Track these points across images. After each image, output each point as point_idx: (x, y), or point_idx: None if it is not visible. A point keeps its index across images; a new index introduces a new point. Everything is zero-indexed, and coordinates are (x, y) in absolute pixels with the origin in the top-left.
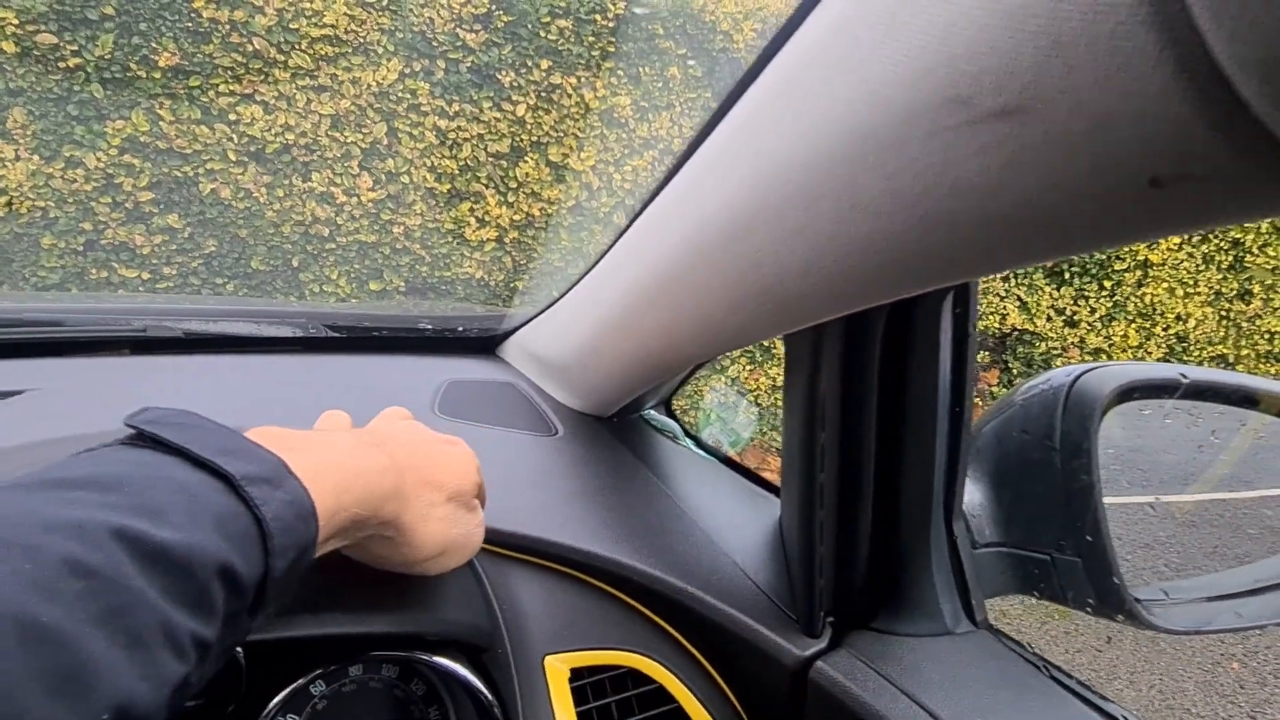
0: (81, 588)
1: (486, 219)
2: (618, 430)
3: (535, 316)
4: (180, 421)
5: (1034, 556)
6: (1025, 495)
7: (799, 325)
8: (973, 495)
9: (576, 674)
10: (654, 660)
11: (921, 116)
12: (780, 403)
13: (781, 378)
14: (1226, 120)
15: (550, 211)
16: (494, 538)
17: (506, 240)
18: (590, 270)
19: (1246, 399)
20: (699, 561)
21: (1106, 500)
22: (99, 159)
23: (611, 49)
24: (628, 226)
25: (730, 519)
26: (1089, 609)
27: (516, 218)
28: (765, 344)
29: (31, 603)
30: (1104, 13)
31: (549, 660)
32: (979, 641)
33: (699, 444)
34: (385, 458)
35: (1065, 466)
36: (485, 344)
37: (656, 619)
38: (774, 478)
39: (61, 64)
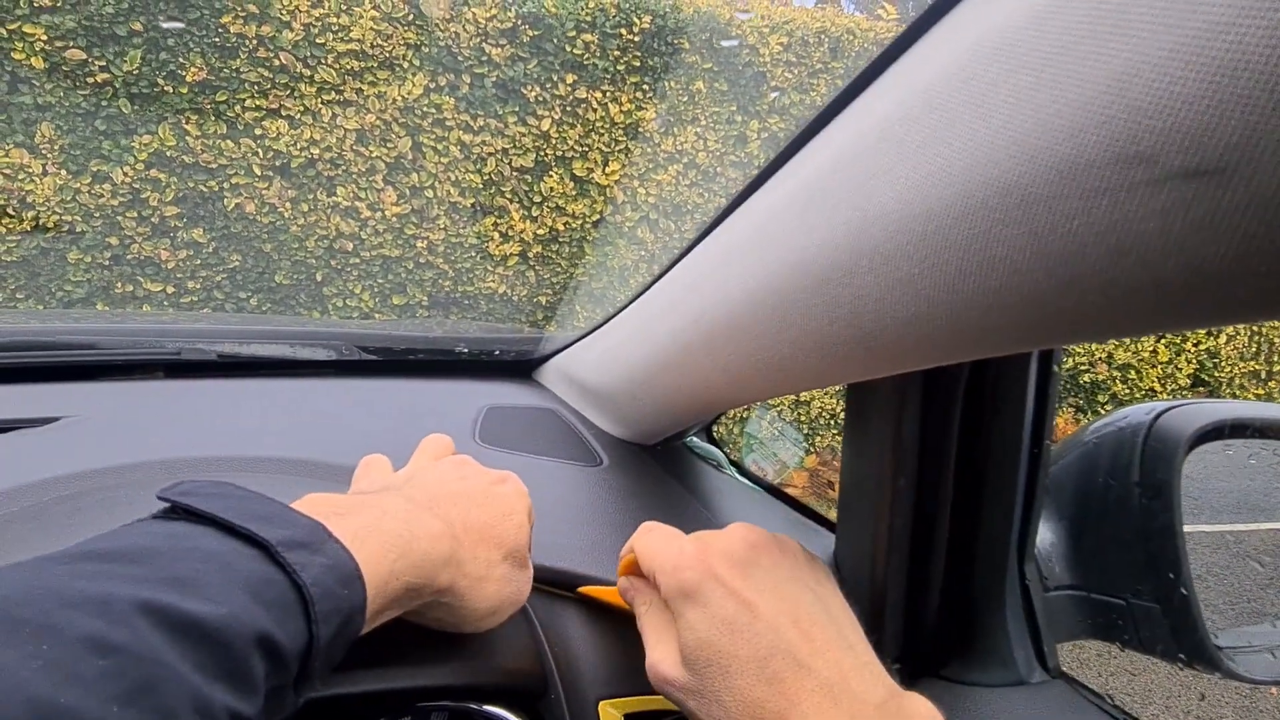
0: (105, 666)
1: (510, 234)
2: (662, 459)
3: (577, 340)
4: (213, 492)
5: (1110, 602)
6: (1101, 537)
7: (891, 372)
8: (1043, 536)
9: (631, 719)
10: None
11: (1084, 173)
12: (801, 418)
13: (804, 395)
14: None
15: (575, 226)
16: (544, 575)
17: (530, 255)
18: (640, 295)
19: None
20: None
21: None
22: (126, 174)
23: (637, 63)
24: (682, 256)
25: None
26: (1179, 661)
27: (540, 232)
28: None
29: (47, 686)
30: None
31: (604, 706)
32: (1056, 692)
33: (743, 471)
34: (439, 521)
35: (1145, 509)
36: (522, 367)
37: None
38: (795, 491)
39: (90, 79)
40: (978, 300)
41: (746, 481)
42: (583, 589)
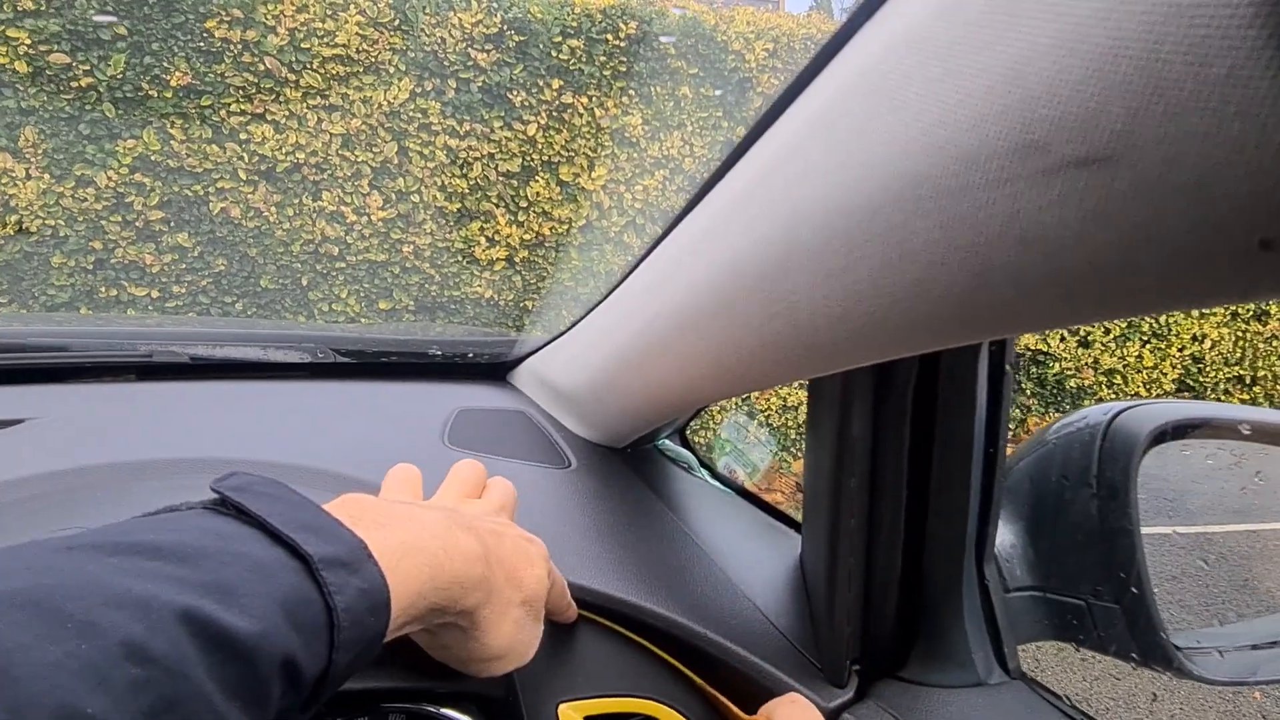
0: (136, 676)
1: (496, 238)
2: (632, 461)
3: (549, 343)
4: (265, 491)
5: (1069, 602)
6: (1060, 537)
7: (832, 370)
8: (1004, 536)
9: None
10: (672, 708)
11: (987, 163)
12: (789, 423)
13: (791, 397)
14: None
15: (561, 231)
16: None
17: (516, 260)
18: (606, 298)
19: None
20: (719, 604)
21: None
22: (110, 178)
23: (623, 68)
24: (646, 255)
25: (750, 557)
26: (1133, 660)
27: (527, 237)
28: None
29: (79, 692)
30: (1218, 55)
31: (563, 709)
32: (1014, 693)
33: (714, 474)
34: (477, 544)
35: (1103, 508)
36: (496, 370)
37: (675, 664)
38: (782, 497)
39: (74, 84)
40: (901, 294)
41: (717, 484)
42: (721, 699)
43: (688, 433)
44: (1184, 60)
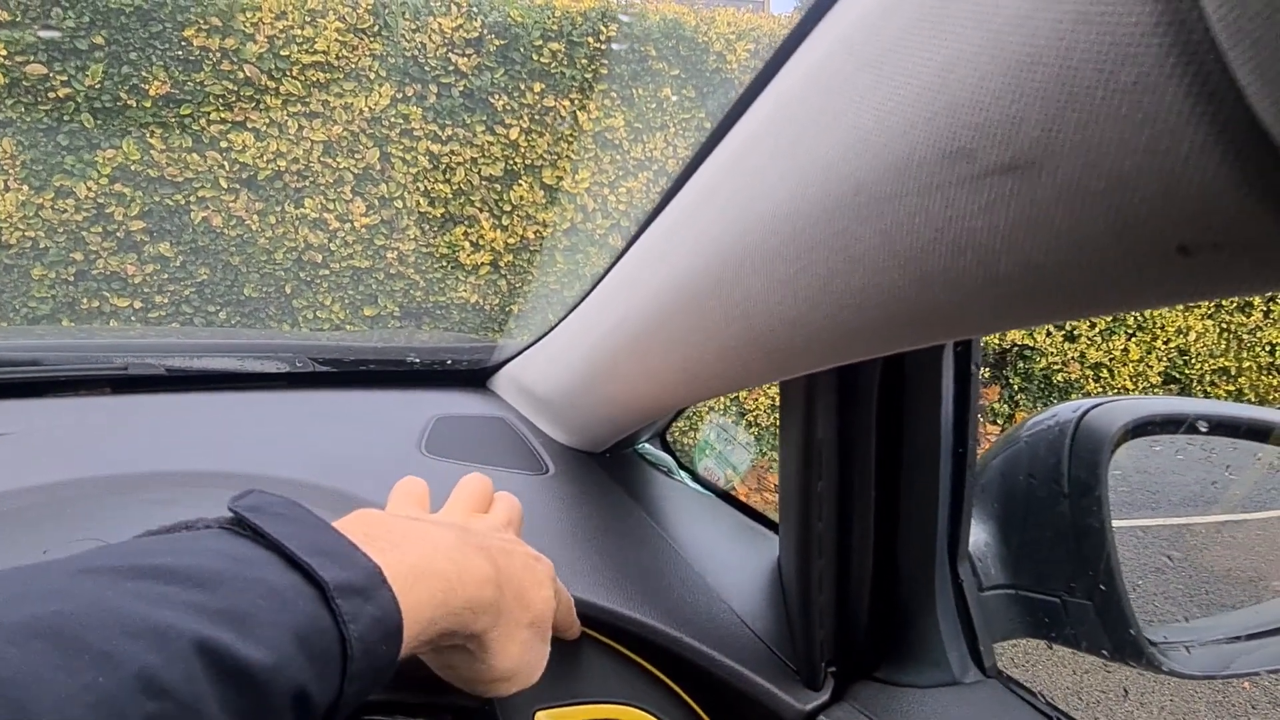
0: (151, 711)
1: (481, 243)
2: (611, 467)
3: (527, 348)
4: (281, 512)
5: (1044, 599)
6: (1033, 535)
7: (791, 374)
8: (978, 535)
9: None
10: (649, 714)
11: (918, 169)
12: (778, 424)
13: (779, 398)
14: (1268, 186)
15: (545, 234)
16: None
17: (501, 264)
18: (582, 301)
19: (1258, 432)
20: (695, 609)
21: (1116, 523)
22: (89, 188)
23: (604, 71)
24: (618, 259)
25: (727, 560)
26: (1104, 655)
27: (511, 241)
28: None
29: None
30: (1124, 63)
31: (540, 716)
32: (988, 692)
33: (695, 477)
34: (489, 565)
35: (1074, 507)
36: (475, 376)
37: (652, 670)
38: (770, 496)
39: (51, 94)
40: (848, 299)
41: (697, 487)
42: None
43: (669, 435)
44: (1094, 68)
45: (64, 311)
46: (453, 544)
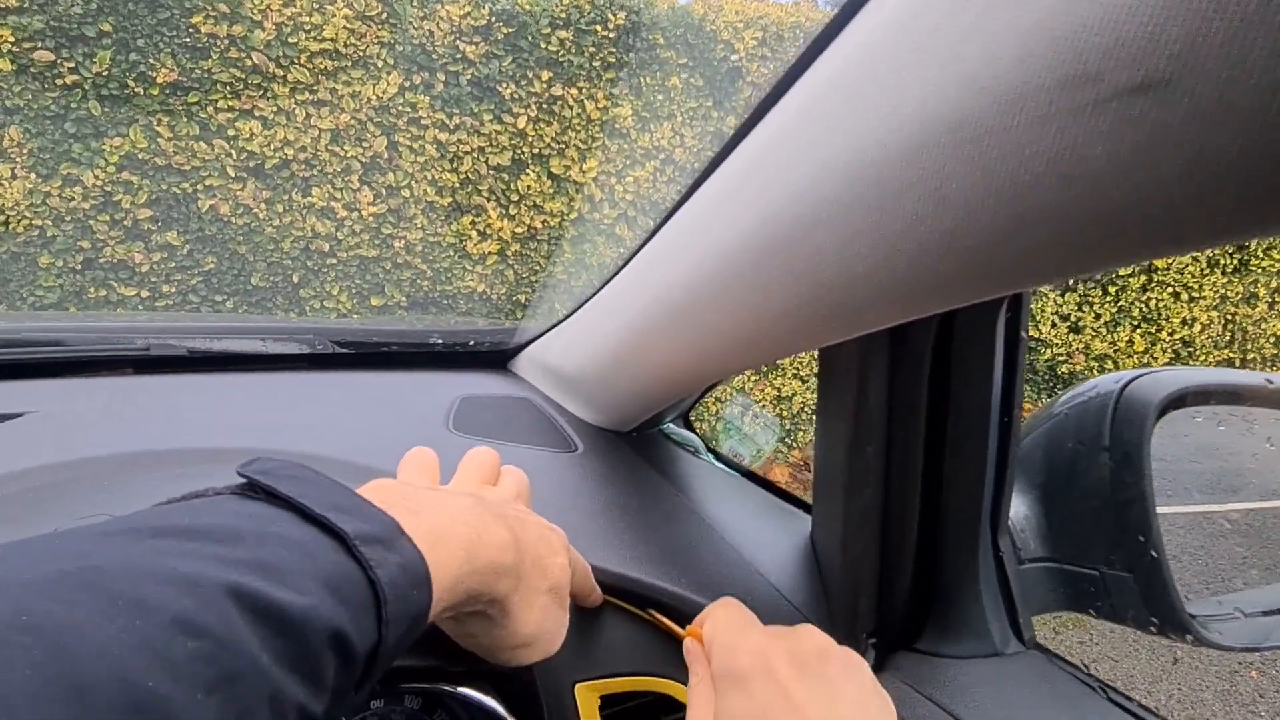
0: (194, 649)
1: (488, 232)
2: (638, 445)
3: (550, 329)
4: (292, 474)
5: (1083, 572)
6: (1073, 508)
7: (852, 334)
8: (1016, 509)
9: (607, 701)
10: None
11: (1032, 100)
12: (783, 414)
13: (786, 387)
14: None
15: (553, 224)
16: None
17: (509, 253)
18: (610, 281)
19: None
20: (732, 581)
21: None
22: (97, 176)
23: (612, 59)
24: (650, 237)
25: (760, 536)
26: (1152, 628)
27: (518, 231)
28: None
29: (140, 667)
30: None
31: (579, 688)
32: (1030, 662)
33: (720, 458)
34: (507, 531)
35: (1115, 476)
36: (498, 358)
37: None
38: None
39: (59, 81)
40: (933, 244)
41: (723, 467)
42: (656, 614)
43: (691, 418)
44: None
45: (71, 300)
46: (470, 510)
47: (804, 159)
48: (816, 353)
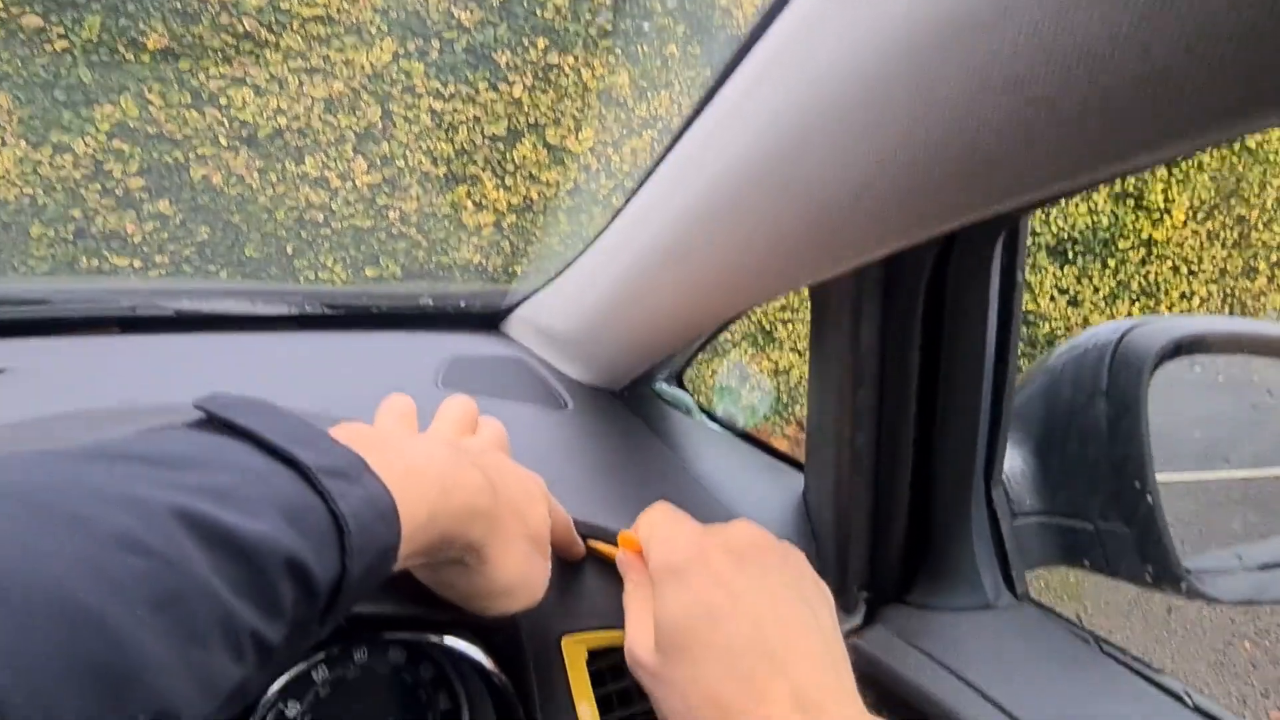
0: (135, 566)
1: (484, 202)
2: (629, 403)
3: (541, 288)
4: (253, 408)
5: (1077, 526)
6: (1068, 460)
7: (843, 266)
8: (1011, 462)
9: (595, 655)
10: None
11: None
12: (781, 387)
13: (782, 361)
14: None
15: (549, 195)
16: None
17: (504, 224)
18: (600, 235)
19: None
20: None
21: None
22: (88, 145)
23: (609, 26)
24: (638, 188)
25: (751, 493)
26: (1147, 578)
27: (514, 201)
28: (765, 327)
29: (78, 583)
30: None
31: (566, 641)
32: (1023, 615)
33: (712, 417)
34: (481, 475)
35: (1112, 427)
36: (489, 319)
37: None
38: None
39: (48, 47)
40: (925, 155)
41: (715, 426)
42: (591, 542)
43: (684, 379)
44: None
45: (63, 270)
46: (444, 453)
47: (795, 71)
48: (808, 298)
